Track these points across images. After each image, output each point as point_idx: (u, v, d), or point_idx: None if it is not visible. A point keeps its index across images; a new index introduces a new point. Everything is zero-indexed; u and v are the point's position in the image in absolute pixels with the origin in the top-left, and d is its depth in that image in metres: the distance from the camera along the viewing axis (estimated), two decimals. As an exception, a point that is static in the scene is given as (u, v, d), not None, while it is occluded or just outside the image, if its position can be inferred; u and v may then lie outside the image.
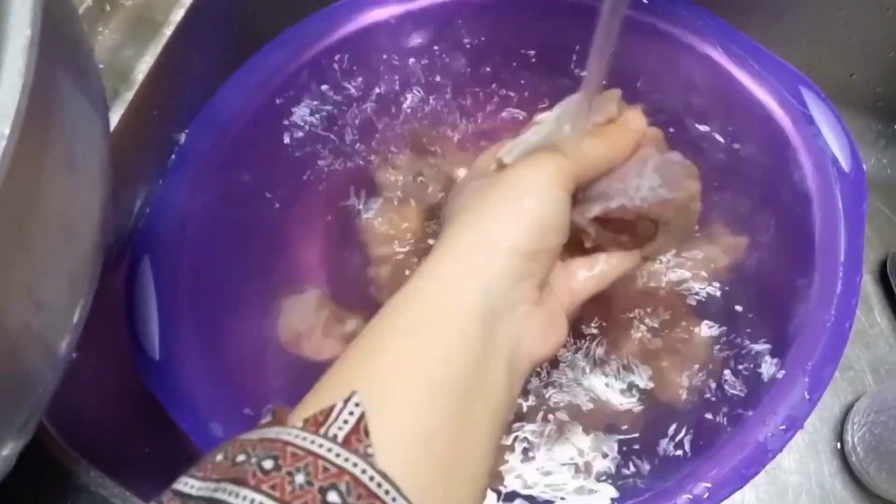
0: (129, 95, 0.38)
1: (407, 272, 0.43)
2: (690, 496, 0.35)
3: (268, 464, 0.23)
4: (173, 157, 0.42)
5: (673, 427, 0.39)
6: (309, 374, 0.28)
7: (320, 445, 0.23)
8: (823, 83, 0.45)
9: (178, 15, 0.41)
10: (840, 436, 0.48)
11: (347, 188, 0.47)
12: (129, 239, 0.40)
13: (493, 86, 0.50)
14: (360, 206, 0.46)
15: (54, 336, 0.25)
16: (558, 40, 0.47)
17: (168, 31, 0.40)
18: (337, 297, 0.44)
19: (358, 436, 0.24)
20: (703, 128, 0.47)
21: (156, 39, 0.40)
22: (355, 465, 0.23)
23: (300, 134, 0.47)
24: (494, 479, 0.38)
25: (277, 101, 0.45)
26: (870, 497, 0.47)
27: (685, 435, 0.39)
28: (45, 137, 0.21)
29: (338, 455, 0.23)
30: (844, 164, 0.42)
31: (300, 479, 0.23)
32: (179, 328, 0.39)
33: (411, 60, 0.49)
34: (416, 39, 0.48)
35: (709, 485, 0.35)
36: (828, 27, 0.53)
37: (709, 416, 0.39)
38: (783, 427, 0.36)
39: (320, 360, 0.42)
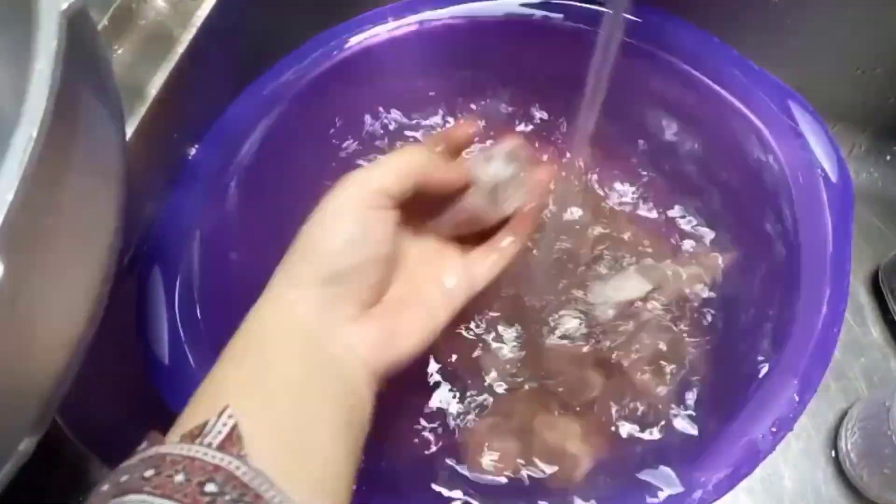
0: (142, 110, 0.40)
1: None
2: (683, 498, 0.36)
3: (149, 472, 0.25)
4: (184, 169, 0.44)
5: (663, 429, 0.40)
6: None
7: (196, 451, 0.26)
8: (815, 99, 0.46)
9: (189, 34, 0.43)
10: (834, 443, 0.49)
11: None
12: (140, 247, 0.42)
13: (490, 106, 0.52)
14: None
15: (70, 333, 0.26)
16: (555, 63, 0.49)
17: (180, 50, 0.42)
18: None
19: (231, 441, 0.26)
20: (691, 142, 0.48)
21: (168, 58, 0.42)
22: (230, 462, 0.25)
23: (307, 149, 0.48)
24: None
25: (285, 117, 0.47)
26: (864, 502, 0.47)
27: (676, 437, 0.40)
28: (68, 142, 0.23)
29: (213, 457, 0.26)
30: (832, 174, 0.43)
31: (179, 478, 0.25)
32: (188, 334, 0.40)
33: (413, 79, 0.50)
34: (418, 58, 0.50)
35: (699, 487, 0.36)
36: (819, 44, 0.55)
37: (699, 418, 0.41)
38: (774, 429, 0.37)
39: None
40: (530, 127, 0.52)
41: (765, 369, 0.39)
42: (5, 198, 0.19)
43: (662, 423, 0.41)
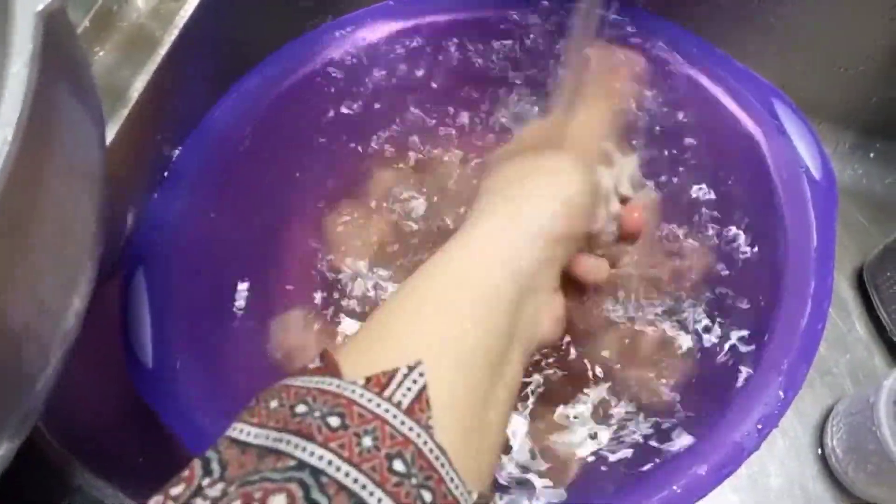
0: (124, 112, 0.39)
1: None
2: (668, 496, 0.36)
3: (334, 421, 0.23)
4: (167, 172, 0.44)
5: (649, 427, 0.41)
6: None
7: (386, 410, 0.23)
8: (799, 98, 0.47)
9: (171, 36, 0.42)
10: (820, 439, 0.49)
11: (338, 202, 0.49)
12: (123, 251, 0.41)
13: (481, 103, 0.52)
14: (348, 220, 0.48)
15: (52, 337, 0.26)
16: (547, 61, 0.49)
17: (162, 52, 0.41)
18: (327, 308, 0.46)
19: (421, 405, 0.24)
20: (673, 139, 0.48)
21: (150, 59, 0.41)
22: (419, 435, 0.23)
23: (290, 151, 0.48)
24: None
25: (268, 119, 0.47)
26: (850, 498, 0.48)
27: (662, 435, 0.40)
28: (45, 144, 0.23)
29: (402, 423, 0.23)
30: (815, 172, 0.44)
31: (367, 441, 0.23)
32: (172, 337, 0.40)
33: (397, 79, 0.50)
34: (402, 59, 0.50)
35: (685, 484, 0.36)
36: (803, 44, 0.55)
37: (686, 415, 0.41)
38: (759, 426, 0.37)
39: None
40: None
41: (750, 366, 0.39)
42: (-20, 201, 0.19)
43: (648, 420, 0.41)
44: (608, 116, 0.35)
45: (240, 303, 0.44)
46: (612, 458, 0.40)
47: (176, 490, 0.22)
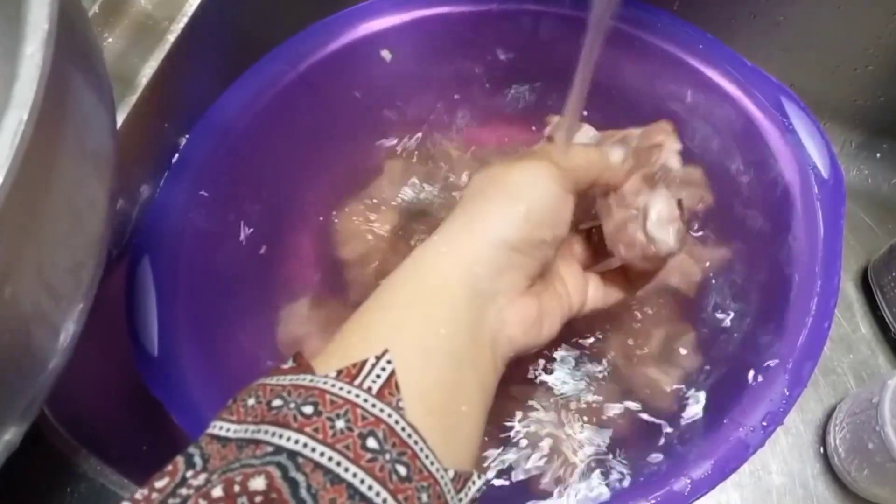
0: (132, 99, 0.39)
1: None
2: (671, 491, 0.36)
3: (308, 409, 0.24)
4: (174, 159, 0.43)
5: (655, 423, 0.40)
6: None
7: (356, 395, 0.25)
8: (806, 96, 0.46)
9: (181, 24, 0.42)
10: (823, 438, 0.49)
11: (346, 193, 0.48)
12: (130, 238, 0.41)
13: (488, 97, 0.52)
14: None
15: (60, 320, 0.26)
16: (552, 53, 0.49)
17: (171, 39, 0.41)
18: (332, 298, 0.46)
19: (390, 389, 0.25)
20: (686, 137, 0.48)
21: (159, 47, 0.41)
22: (389, 415, 0.25)
23: (297, 140, 0.48)
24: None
25: (276, 108, 0.46)
26: (852, 498, 0.48)
27: (666, 431, 0.40)
28: (58, 127, 0.23)
29: (373, 405, 0.25)
30: (824, 170, 0.43)
31: (340, 424, 0.24)
32: (178, 326, 0.40)
33: (405, 71, 0.50)
34: (409, 51, 0.50)
35: (689, 480, 0.36)
36: (810, 42, 0.55)
37: (690, 412, 0.41)
38: (764, 423, 0.37)
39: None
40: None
41: (755, 363, 0.39)
42: (-5, 181, 0.19)
43: (652, 416, 0.41)
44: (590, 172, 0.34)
45: (246, 291, 0.44)
46: (615, 453, 0.41)
47: (160, 483, 0.23)
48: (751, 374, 0.39)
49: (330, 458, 0.23)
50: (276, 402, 0.25)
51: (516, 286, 0.31)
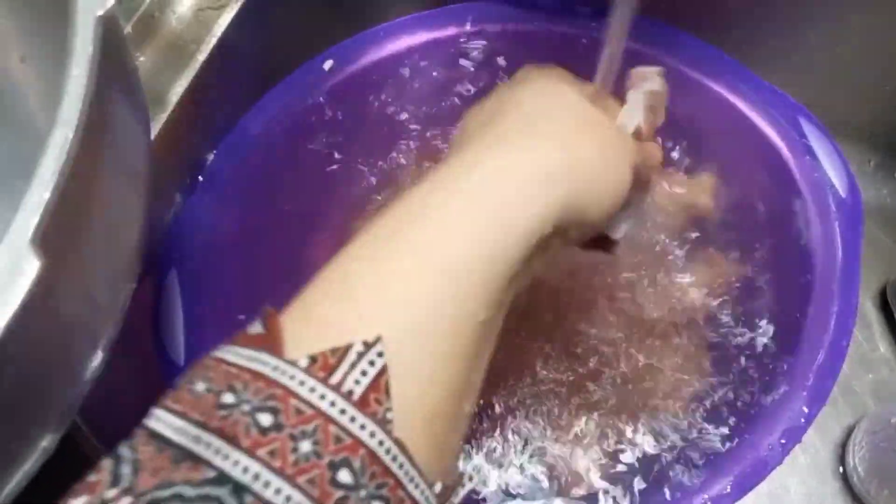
0: (163, 117, 0.40)
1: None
2: (692, 506, 0.36)
3: (265, 419, 0.19)
4: (201, 175, 0.45)
5: (673, 440, 0.41)
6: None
7: (332, 404, 0.19)
8: (824, 116, 0.47)
9: (210, 44, 0.43)
10: (842, 457, 0.49)
11: (365, 208, 0.49)
12: (157, 250, 0.42)
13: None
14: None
15: (99, 331, 0.26)
16: (578, 72, 0.49)
17: (201, 58, 0.43)
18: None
19: (377, 395, 0.20)
20: (700, 157, 0.49)
21: (189, 65, 0.42)
22: (372, 434, 0.19)
23: (321, 157, 0.49)
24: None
25: (301, 125, 0.48)
26: (871, 518, 0.48)
27: (684, 447, 0.40)
28: (99, 144, 0.24)
29: (353, 420, 0.19)
30: (842, 190, 0.44)
31: (306, 446, 0.18)
32: (204, 337, 0.41)
33: (429, 89, 0.51)
34: (434, 69, 0.51)
35: (707, 496, 0.36)
36: (828, 62, 0.56)
37: (709, 428, 0.41)
38: (783, 440, 0.37)
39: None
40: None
41: (774, 381, 0.39)
42: (43, 196, 0.19)
43: (670, 432, 0.41)
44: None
45: (272, 305, 0.45)
46: (633, 471, 0.41)
47: (77, 502, 0.19)
48: (769, 392, 0.39)
49: (288, 499, 0.18)
50: (228, 399, 0.19)
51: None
